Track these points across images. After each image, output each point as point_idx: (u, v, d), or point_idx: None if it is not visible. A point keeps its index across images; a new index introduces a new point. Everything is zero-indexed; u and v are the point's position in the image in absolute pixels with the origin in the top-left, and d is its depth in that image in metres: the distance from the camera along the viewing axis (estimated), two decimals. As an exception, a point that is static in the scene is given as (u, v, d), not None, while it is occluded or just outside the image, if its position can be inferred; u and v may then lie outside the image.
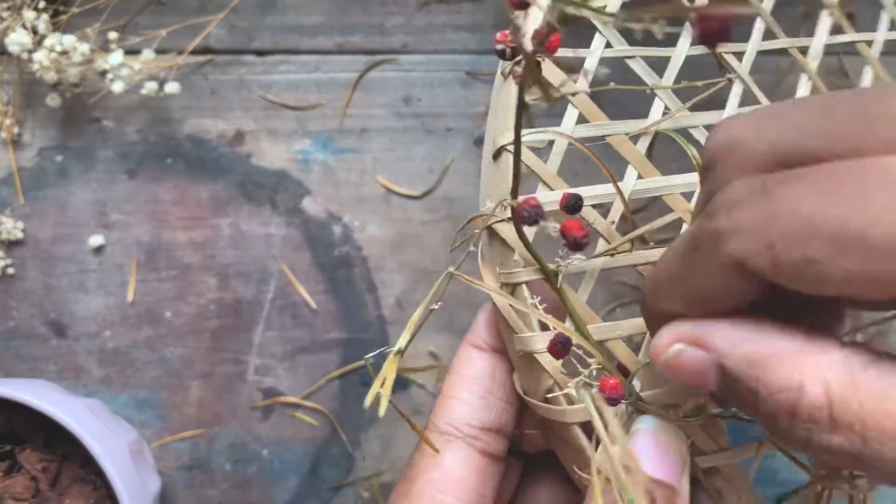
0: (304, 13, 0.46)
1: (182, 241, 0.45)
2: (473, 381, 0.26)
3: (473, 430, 0.26)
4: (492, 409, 0.26)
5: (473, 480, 0.25)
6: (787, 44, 0.30)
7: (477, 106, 0.46)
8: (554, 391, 0.24)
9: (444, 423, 0.26)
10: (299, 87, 0.46)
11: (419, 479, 0.25)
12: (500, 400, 0.26)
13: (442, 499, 0.24)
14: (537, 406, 0.25)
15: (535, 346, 0.24)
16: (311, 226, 0.46)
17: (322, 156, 0.46)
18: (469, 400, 0.26)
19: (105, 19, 0.44)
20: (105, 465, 0.37)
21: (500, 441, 0.26)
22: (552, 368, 0.24)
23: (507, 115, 0.27)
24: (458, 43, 0.46)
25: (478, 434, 0.26)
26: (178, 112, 0.46)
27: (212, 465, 0.45)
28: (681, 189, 0.27)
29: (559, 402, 0.24)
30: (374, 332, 0.45)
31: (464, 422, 0.26)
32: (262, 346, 0.45)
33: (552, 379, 0.24)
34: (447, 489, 0.25)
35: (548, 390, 0.25)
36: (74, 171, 0.46)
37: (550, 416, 0.25)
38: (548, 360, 0.24)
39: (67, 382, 0.45)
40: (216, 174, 0.46)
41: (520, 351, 0.25)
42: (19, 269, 0.45)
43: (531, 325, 0.25)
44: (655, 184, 0.27)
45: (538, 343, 0.24)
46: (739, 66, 0.29)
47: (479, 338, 0.27)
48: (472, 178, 0.46)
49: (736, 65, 0.28)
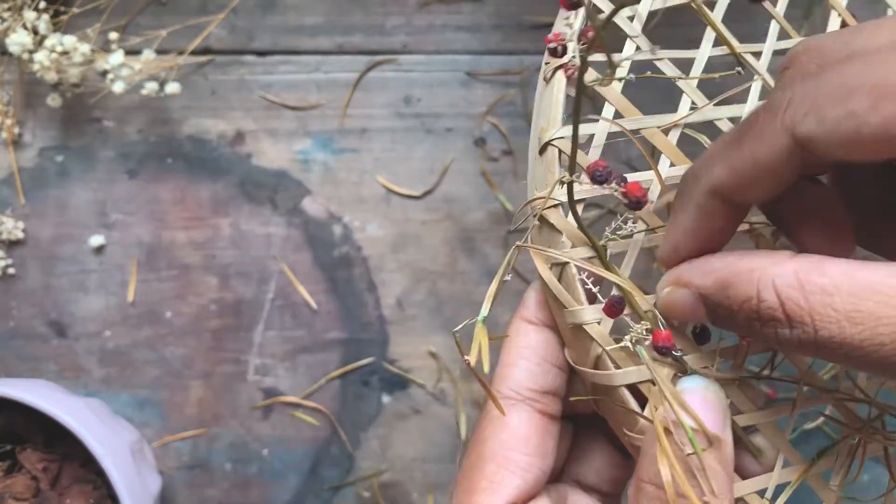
0: (304, 14, 0.46)
1: (182, 241, 0.45)
2: (529, 351, 0.29)
3: (533, 393, 0.28)
4: (547, 374, 0.29)
5: (537, 438, 0.28)
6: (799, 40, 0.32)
7: (477, 106, 0.46)
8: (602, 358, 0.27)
9: (507, 389, 0.28)
10: (299, 87, 0.46)
11: (490, 440, 0.28)
12: (553, 366, 0.29)
13: (513, 455, 0.27)
14: (587, 373, 0.28)
15: (583, 318, 0.27)
16: (312, 226, 0.46)
17: (322, 156, 0.46)
18: (527, 367, 0.28)
19: (105, 20, 0.44)
20: (106, 464, 0.37)
21: (556, 403, 0.29)
22: (600, 336, 0.27)
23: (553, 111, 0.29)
24: (459, 43, 0.46)
25: (537, 397, 0.28)
26: (178, 112, 0.46)
27: (212, 465, 0.45)
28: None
29: (608, 368, 0.27)
30: (374, 331, 0.46)
31: (524, 386, 0.28)
32: (263, 345, 0.45)
33: (600, 347, 0.27)
34: (516, 447, 0.27)
35: (596, 358, 0.27)
36: (75, 171, 0.46)
37: (600, 381, 0.27)
38: (595, 329, 0.27)
39: (68, 382, 0.45)
40: (216, 174, 0.46)
41: (570, 324, 0.28)
42: (20, 268, 0.45)
43: (579, 299, 0.27)
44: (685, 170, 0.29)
45: (586, 315, 0.27)
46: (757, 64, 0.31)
47: (530, 313, 0.29)
48: (472, 178, 0.46)
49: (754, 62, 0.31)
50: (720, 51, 0.31)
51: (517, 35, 0.46)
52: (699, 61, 0.31)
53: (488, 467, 0.27)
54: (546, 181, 0.29)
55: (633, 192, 0.25)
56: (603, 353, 0.27)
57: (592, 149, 0.29)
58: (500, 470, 0.27)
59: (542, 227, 0.29)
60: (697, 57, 0.31)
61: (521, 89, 0.46)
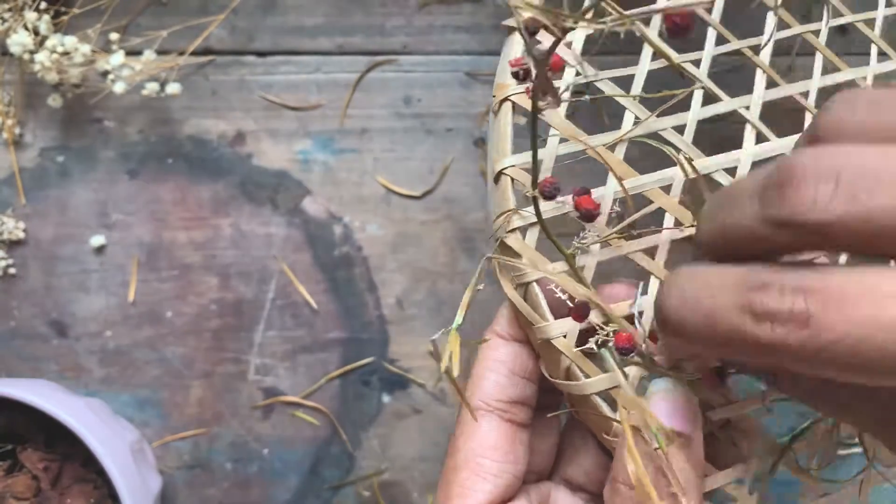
0: (304, 14, 0.46)
1: (183, 241, 0.46)
2: (498, 363, 0.30)
3: (501, 403, 0.30)
4: (515, 386, 0.30)
5: (506, 445, 0.29)
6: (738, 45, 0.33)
7: (477, 106, 0.46)
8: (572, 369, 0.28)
9: (477, 400, 0.30)
10: (300, 87, 0.46)
11: (462, 448, 0.30)
12: (521, 378, 0.30)
13: (483, 462, 0.29)
14: (560, 384, 0.29)
15: (549, 333, 0.29)
16: (312, 226, 0.46)
17: (322, 156, 0.46)
18: (495, 379, 0.30)
19: (106, 20, 0.44)
20: (106, 464, 0.37)
21: (524, 411, 0.30)
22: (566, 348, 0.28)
23: (504, 142, 0.31)
24: (458, 44, 0.46)
25: (505, 407, 0.30)
26: (179, 112, 0.46)
27: (212, 465, 0.45)
28: (658, 184, 0.30)
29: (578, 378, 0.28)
30: (375, 331, 0.46)
31: (492, 397, 0.30)
32: (263, 345, 0.45)
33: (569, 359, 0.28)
34: (485, 454, 0.29)
35: (567, 369, 0.29)
36: (76, 172, 0.46)
37: (572, 391, 0.29)
38: (562, 343, 0.29)
39: (69, 382, 0.45)
40: (217, 174, 0.46)
41: (538, 339, 0.29)
42: (21, 269, 0.45)
43: (544, 315, 0.29)
44: (635, 182, 0.30)
45: (552, 330, 0.29)
46: (698, 72, 0.32)
47: (501, 328, 0.31)
48: (472, 179, 0.46)
49: (695, 71, 0.32)
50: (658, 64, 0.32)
51: (517, 35, 0.46)
52: (639, 76, 0.32)
53: (461, 474, 0.29)
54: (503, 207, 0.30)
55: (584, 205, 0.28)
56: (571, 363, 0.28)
57: (543, 172, 0.30)
58: (471, 476, 0.29)
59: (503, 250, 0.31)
60: (637, 72, 0.32)
61: (521, 90, 0.46)
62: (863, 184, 0.19)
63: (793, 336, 0.19)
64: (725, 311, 0.21)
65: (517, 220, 0.30)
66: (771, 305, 0.20)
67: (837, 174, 0.19)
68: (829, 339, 0.19)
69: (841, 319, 0.19)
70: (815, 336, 0.19)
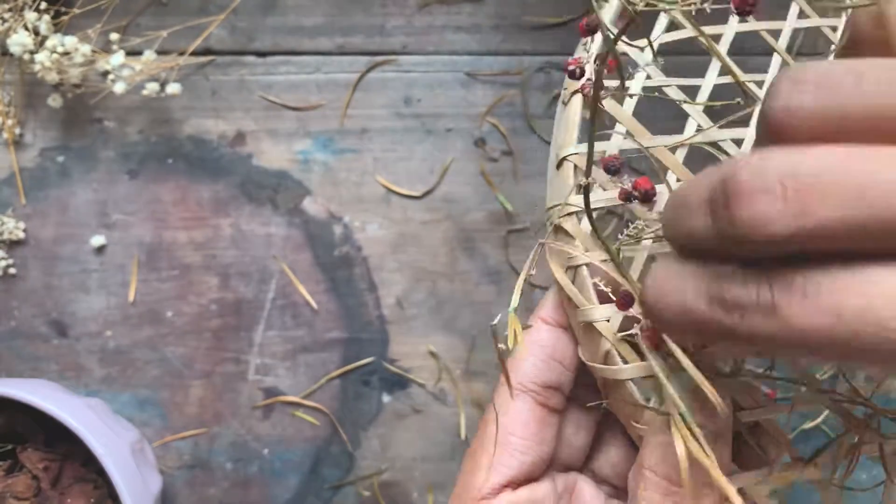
0: (304, 14, 0.46)
1: (183, 241, 0.46)
2: (538, 347, 0.31)
3: (536, 386, 0.31)
4: (552, 371, 0.31)
5: (535, 425, 0.30)
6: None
7: (477, 106, 0.46)
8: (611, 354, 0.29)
9: (513, 381, 0.31)
10: (300, 87, 0.46)
11: (492, 424, 0.31)
12: (558, 363, 0.31)
13: (511, 439, 0.30)
14: (597, 368, 0.30)
15: (593, 316, 0.29)
16: (312, 226, 0.46)
17: (322, 156, 0.46)
18: (533, 363, 0.31)
19: (106, 20, 0.44)
20: (106, 464, 0.37)
21: (557, 397, 0.31)
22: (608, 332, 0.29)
23: (569, 131, 0.32)
24: (458, 44, 0.46)
25: (539, 390, 0.31)
26: (179, 112, 0.46)
27: (212, 465, 0.45)
28: None
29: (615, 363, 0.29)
30: (375, 331, 0.46)
31: (528, 379, 0.31)
32: (263, 345, 0.45)
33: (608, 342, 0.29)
34: (514, 431, 0.30)
35: (605, 354, 0.29)
36: (76, 172, 0.46)
37: (608, 376, 0.29)
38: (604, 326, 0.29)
39: (69, 382, 0.45)
40: (217, 174, 0.46)
41: (581, 322, 0.30)
42: (21, 269, 0.45)
43: (590, 299, 0.30)
44: None
45: (596, 313, 0.29)
46: (761, 92, 0.33)
47: (546, 313, 0.32)
48: (472, 179, 0.46)
49: (756, 90, 0.33)
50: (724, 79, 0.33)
51: (517, 36, 0.46)
52: (705, 88, 0.33)
53: (489, 448, 0.30)
54: (563, 192, 0.31)
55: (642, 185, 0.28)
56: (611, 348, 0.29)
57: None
58: (499, 450, 0.30)
59: (557, 234, 0.31)
60: (703, 85, 0.33)
61: (521, 90, 0.46)
62: (810, 196, 0.19)
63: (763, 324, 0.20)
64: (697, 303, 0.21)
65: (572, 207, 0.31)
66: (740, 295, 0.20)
67: (784, 187, 0.19)
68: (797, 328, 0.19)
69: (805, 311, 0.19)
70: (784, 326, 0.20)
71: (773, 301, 0.20)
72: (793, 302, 0.19)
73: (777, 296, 0.20)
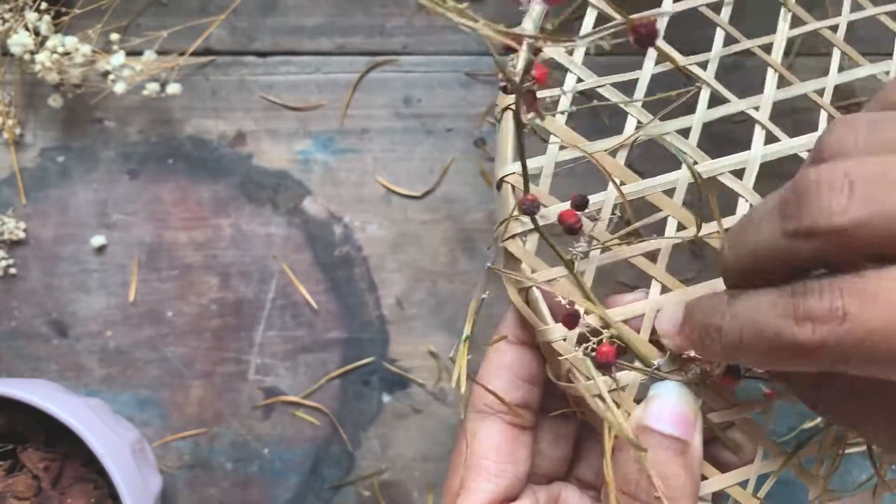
0: (304, 14, 0.46)
1: (183, 241, 0.46)
2: (502, 370, 0.31)
3: (503, 407, 0.31)
4: (518, 390, 0.31)
5: (507, 446, 0.31)
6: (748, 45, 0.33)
7: (477, 106, 0.46)
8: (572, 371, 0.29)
9: (481, 404, 0.31)
10: (300, 87, 0.46)
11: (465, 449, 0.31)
12: (524, 382, 0.31)
13: (483, 462, 0.30)
14: (561, 385, 0.30)
15: (550, 336, 0.29)
16: (312, 226, 0.46)
17: (322, 156, 0.46)
18: (499, 385, 0.31)
19: (107, 20, 0.44)
20: (107, 463, 0.37)
21: (528, 414, 0.32)
22: (564, 351, 0.29)
23: (505, 150, 0.31)
24: (458, 44, 0.47)
25: (507, 410, 0.31)
26: (179, 113, 0.46)
27: (213, 465, 0.45)
28: (661, 188, 0.30)
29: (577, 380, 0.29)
30: (375, 331, 0.46)
31: (495, 401, 0.31)
32: (263, 345, 0.45)
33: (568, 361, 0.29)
34: (487, 455, 0.30)
35: (568, 371, 0.29)
36: (76, 172, 0.46)
37: (571, 392, 0.30)
38: (562, 346, 0.29)
39: (69, 382, 0.45)
40: (217, 174, 0.46)
41: (541, 342, 0.30)
42: (21, 269, 0.45)
43: (544, 318, 0.30)
44: (637, 187, 0.30)
45: (553, 333, 0.29)
46: (704, 74, 0.32)
47: (507, 331, 0.32)
48: (472, 179, 0.46)
49: (700, 73, 0.32)
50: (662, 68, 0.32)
51: (517, 36, 0.46)
52: (642, 80, 0.32)
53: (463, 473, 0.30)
54: (503, 214, 0.31)
55: (564, 219, 0.28)
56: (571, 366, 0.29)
57: (543, 178, 0.31)
58: (473, 475, 0.30)
59: (506, 255, 0.31)
60: (640, 77, 0.32)
61: (521, 90, 0.46)
62: (875, 187, 0.20)
63: (832, 333, 0.21)
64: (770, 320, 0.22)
65: (517, 226, 0.30)
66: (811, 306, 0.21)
67: (850, 182, 0.20)
68: (865, 331, 0.20)
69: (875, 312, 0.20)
70: (853, 330, 0.20)
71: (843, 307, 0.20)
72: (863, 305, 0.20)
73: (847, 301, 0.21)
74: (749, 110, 0.32)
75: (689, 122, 0.31)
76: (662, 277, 0.30)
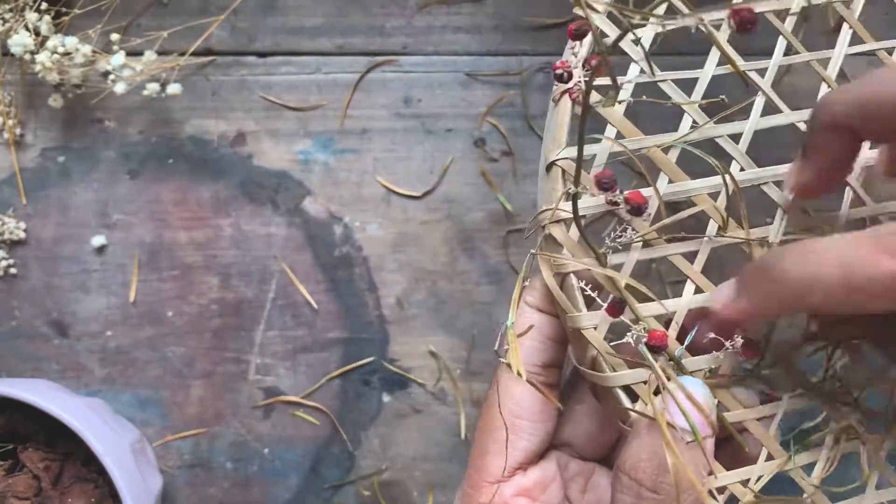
0: (304, 15, 0.46)
1: (184, 241, 0.46)
2: (534, 331, 0.32)
3: (535, 367, 0.32)
4: (548, 350, 0.32)
5: (539, 405, 0.32)
6: (807, 58, 0.32)
7: (477, 107, 0.46)
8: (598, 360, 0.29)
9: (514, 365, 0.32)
10: (300, 88, 0.46)
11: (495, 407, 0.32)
12: (553, 342, 0.32)
13: (519, 422, 0.31)
14: (586, 373, 0.30)
15: (581, 323, 0.30)
16: (312, 226, 0.46)
17: (323, 156, 0.46)
18: (530, 345, 0.32)
19: (107, 21, 0.45)
20: (107, 463, 0.37)
21: (555, 374, 0.33)
22: (595, 340, 0.29)
23: (558, 133, 0.31)
24: (458, 44, 0.47)
25: (539, 370, 0.32)
26: (179, 113, 0.46)
27: (213, 464, 0.45)
28: (706, 190, 0.31)
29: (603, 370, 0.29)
30: (375, 331, 0.46)
31: (528, 362, 0.32)
32: (264, 345, 0.45)
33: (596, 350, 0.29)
34: (522, 415, 0.31)
35: (594, 358, 0.30)
36: (76, 172, 0.46)
37: (597, 381, 0.30)
38: (592, 334, 0.29)
39: (69, 382, 0.45)
40: (217, 174, 0.46)
41: (570, 327, 0.30)
42: (21, 269, 0.45)
43: (577, 305, 0.30)
44: (685, 186, 0.30)
45: (584, 320, 0.30)
46: (762, 81, 0.32)
47: (533, 301, 0.33)
48: (472, 179, 0.46)
49: (758, 79, 0.32)
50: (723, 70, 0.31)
51: (517, 36, 0.47)
52: (702, 80, 0.31)
53: (498, 432, 0.31)
54: (552, 197, 0.31)
55: (634, 200, 0.28)
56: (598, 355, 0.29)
57: (594, 167, 0.31)
58: (509, 434, 0.31)
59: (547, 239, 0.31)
60: (701, 76, 0.31)
61: (521, 90, 0.46)
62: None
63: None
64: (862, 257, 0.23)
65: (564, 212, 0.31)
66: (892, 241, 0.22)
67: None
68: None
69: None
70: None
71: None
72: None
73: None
74: (800, 124, 0.32)
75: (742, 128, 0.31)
76: (697, 278, 0.30)
